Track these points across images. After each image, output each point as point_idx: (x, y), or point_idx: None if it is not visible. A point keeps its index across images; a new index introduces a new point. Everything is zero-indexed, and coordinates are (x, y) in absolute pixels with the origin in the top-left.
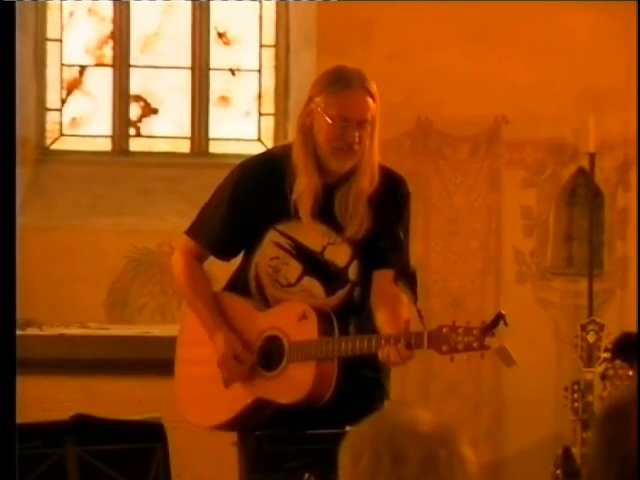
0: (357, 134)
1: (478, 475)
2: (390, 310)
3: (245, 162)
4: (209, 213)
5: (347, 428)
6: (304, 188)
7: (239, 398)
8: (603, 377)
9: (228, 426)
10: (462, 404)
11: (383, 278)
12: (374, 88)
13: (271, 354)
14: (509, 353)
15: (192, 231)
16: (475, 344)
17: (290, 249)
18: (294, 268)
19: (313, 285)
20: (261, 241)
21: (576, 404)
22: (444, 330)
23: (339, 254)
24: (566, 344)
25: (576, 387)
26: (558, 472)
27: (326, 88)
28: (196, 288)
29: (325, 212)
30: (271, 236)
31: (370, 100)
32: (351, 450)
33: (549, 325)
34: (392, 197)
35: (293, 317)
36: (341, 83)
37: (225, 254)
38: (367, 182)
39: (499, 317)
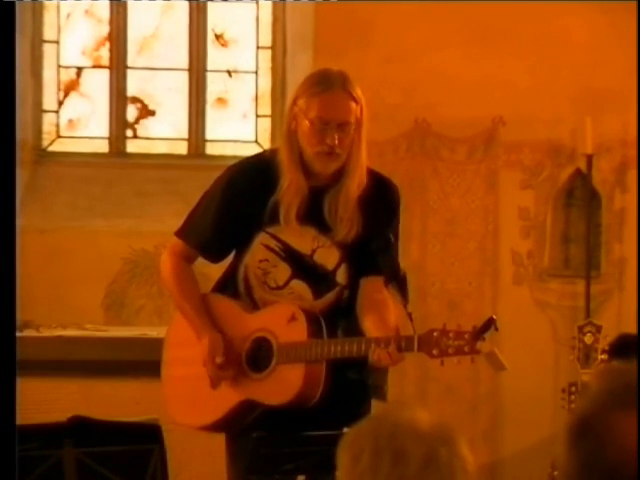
0: (337, 136)
1: (476, 475)
2: (377, 316)
3: (235, 165)
4: (199, 215)
5: (343, 430)
6: (287, 191)
7: (226, 399)
8: None
9: (215, 427)
10: (459, 405)
11: (370, 285)
12: (357, 91)
13: (259, 355)
14: (499, 358)
15: (182, 232)
16: (466, 348)
17: (280, 252)
18: (283, 271)
19: (301, 288)
20: (251, 243)
21: (573, 405)
22: (435, 334)
23: (328, 257)
24: (563, 346)
25: (573, 389)
26: (555, 473)
27: (307, 90)
28: (184, 289)
29: (314, 215)
30: (261, 238)
31: (352, 102)
32: (351, 449)
33: (546, 327)
34: (383, 201)
35: (282, 319)
36: (321, 85)
37: (214, 255)
38: (355, 184)
39: (490, 321)
